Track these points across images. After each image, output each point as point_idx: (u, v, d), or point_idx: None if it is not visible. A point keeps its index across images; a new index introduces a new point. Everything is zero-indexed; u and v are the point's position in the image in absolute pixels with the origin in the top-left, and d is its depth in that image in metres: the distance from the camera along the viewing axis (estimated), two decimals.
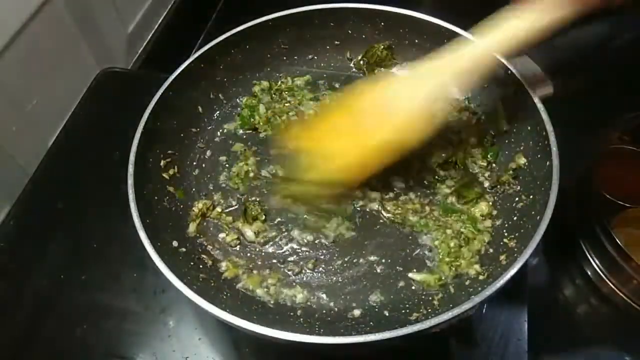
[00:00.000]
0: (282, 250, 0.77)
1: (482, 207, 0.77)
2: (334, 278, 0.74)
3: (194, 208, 0.79)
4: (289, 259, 0.76)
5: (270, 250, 0.77)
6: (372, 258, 0.76)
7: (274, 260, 0.76)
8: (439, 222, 0.77)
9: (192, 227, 0.78)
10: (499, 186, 0.80)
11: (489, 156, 0.83)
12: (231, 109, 0.92)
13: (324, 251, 0.77)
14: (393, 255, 0.76)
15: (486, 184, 0.80)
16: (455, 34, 0.83)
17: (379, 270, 0.74)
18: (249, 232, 0.78)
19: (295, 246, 0.77)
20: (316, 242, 0.77)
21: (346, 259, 0.76)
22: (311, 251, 0.77)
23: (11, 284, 0.83)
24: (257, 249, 0.78)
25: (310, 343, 0.58)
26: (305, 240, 0.78)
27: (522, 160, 0.78)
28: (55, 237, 0.87)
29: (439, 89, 0.67)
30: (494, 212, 0.77)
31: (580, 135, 0.94)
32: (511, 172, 0.79)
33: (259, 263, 0.76)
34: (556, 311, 0.90)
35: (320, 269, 0.75)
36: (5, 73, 0.87)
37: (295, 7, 0.89)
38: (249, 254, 0.77)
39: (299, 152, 0.73)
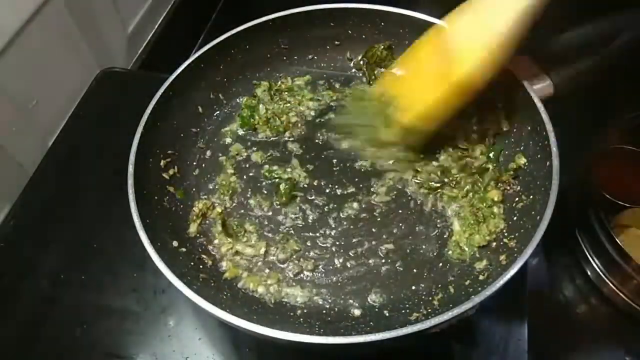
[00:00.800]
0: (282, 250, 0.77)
1: (493, 194, 0.78)
2: (334, 278, 0.74)
3: (194, 208, 0.79)
4: (288, 259, 0.76)
5: (271, 250, 0.77)
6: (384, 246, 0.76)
7: (274, 260, 0.77)
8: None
9: (192, 228, 0.78)
10: (499, 185, 0.80)
11: (490, 155, 0.82)
12: (231, 109, 0.92)
13: (325, 251, 0.77)
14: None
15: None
16: None
17: (383, 270, 0.75)
18: (243, 248, 0.78)
19: (295, 247, 0.77)
20: (317, 242, 0.78)
21: (346, 258, 0.76)
22: (311, 251, 0.77)
23: (11, 284, 0.83)
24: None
25: (310, 343, 0.58)
26: (305, 241, 0.78)
27: (522, 160, 0.78)
28: (55, 237, 0.87)
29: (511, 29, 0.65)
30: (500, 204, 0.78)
31: (580, 135, 0.94)
32: (511, 172, 0.79)
33: (259, 263, 0.76)
34: (556, 311, 0.90)
35: (320, 269, 0.75)
36: (6, 73, 0.87)
37: (295, 7, 0.89)
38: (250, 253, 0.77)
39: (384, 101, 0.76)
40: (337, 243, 0.77)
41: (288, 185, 0.82)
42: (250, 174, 0.85)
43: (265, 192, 0.83)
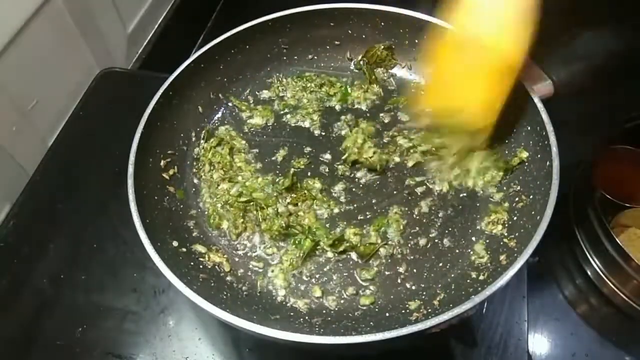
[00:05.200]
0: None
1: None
2: (335, 278, 0.74)
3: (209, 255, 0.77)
4: (289, 259, 0.76)
5: (270, 251, 0.77)
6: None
7: (274, 260, 0.76)
8: None
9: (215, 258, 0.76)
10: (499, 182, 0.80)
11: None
12: (231, 109, 0.92)
13: (325, 251, 0.77)
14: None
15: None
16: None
17: (383, 270, 0.74)
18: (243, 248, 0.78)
19: (295, 247, 0.77)
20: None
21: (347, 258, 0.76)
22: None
23: (11, 284, 0.83)
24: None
25: (310, 343, 0.58)
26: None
27: (525, 154, 0.78)
28: (55, 237, 0.87)
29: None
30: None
31: (580, 135, 0.94)
32: (514, 168, 0.79)
33: (260, 263, 0.76)
34: (556, 311, 0.90)
35: (321, 268, 0.75)
36: (6, 73, 0.87)
37: (295, 7, 0.89)
38: (249, 254, 0.77)
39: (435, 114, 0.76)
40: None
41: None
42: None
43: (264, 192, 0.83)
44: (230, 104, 0.92)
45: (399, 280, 0.73)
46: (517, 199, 0.77)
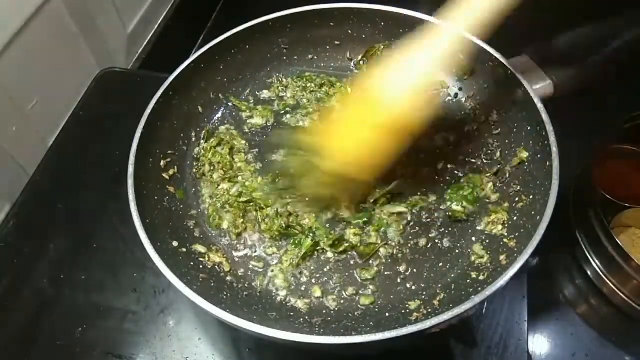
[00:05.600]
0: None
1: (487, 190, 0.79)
2: (335, 278, 0.74)
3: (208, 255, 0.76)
4: (289, 259, 0.76)
5: (270, 251, 0.77)
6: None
7: (274, 261, 0.76)
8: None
9: (214, 258, 0.76)
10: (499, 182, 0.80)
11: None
12: (231, 109, 0.92)
13: (324, 251, 0.77)
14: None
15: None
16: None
17: (383, 270, 0.75)
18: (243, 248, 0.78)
19: (294, 246, 0.77)
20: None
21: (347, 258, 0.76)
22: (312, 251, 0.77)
23: (11, 284, 0.83)
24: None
25: (310, 343, 0.58)
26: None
27: (525, 154, 0.78)
28: (55, 237, 0.87)
29: (423, 76, 0.67)
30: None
31: (580, 135, 0.94)
32: (514, 168, 0.79)
33: (259, 263, 0.76)
34: (556, 311, 0.91)
35: (320, 268, 0.75)
36: (6, 73, 0.87)
37: (295, 7, 0.89)
38: (249, 254, 0.77)
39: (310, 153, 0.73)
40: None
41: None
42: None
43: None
44: (230, 104, 0.92)
45: (399, 280, 0.74)
46: (517, 199, 0.76)
